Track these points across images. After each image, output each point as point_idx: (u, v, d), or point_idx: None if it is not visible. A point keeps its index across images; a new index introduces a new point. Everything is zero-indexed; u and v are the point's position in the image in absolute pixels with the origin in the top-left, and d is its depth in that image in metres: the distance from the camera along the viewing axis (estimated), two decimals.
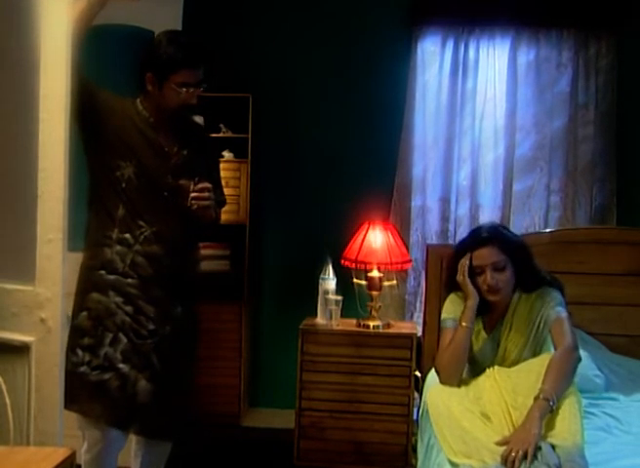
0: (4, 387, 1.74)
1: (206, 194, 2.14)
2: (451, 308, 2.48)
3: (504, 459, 1.95)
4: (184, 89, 2.14)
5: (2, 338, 1.72)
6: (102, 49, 2.20)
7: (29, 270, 1.71)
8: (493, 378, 2.29)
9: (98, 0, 2.05)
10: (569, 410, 2.07)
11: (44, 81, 1.69)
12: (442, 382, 2.38)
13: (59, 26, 1.69)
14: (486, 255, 2.33)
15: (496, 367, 2.35)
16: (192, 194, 2.13)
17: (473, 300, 2.36)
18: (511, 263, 2.33)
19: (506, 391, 2.21)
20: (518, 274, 2.36)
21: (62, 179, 1.71)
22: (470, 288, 2.36)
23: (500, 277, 2.32)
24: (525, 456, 1.93)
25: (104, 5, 2.08)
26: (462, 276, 2.37)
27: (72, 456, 1.48)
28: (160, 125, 2.21)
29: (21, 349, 1.72)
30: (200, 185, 2.14)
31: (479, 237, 2.38)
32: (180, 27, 3.23)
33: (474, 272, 2.36)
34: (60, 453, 1.44)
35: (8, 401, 1.74)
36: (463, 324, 2.36)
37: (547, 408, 2.06)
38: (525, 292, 2.40)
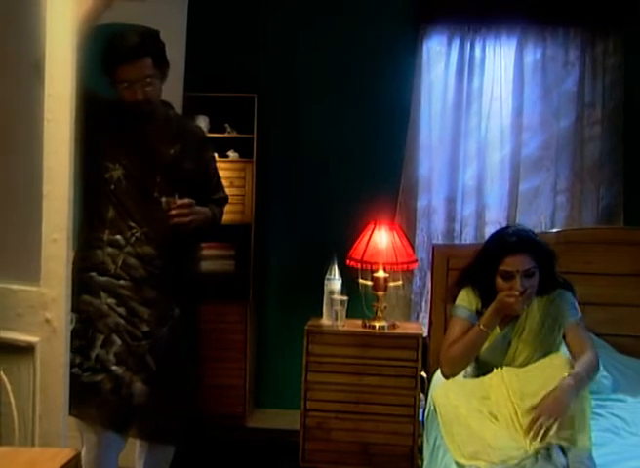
0: (9, 388, 1.73)
1: (186, 210, 2.13)
2: (466, 298, 2.45)
3: (529, 426, 1.91)
4: (125, 84, 2.12)
5: (7, 339, 1.72)
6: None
7: (34, 270, 1.71)
8: (500, 378, 2.28)
9: (104, 1, 2.04)
10: (579, 409, 2.06)
11: (49, 81, 1.68)
12: (444, 375, 2.40)
13: (64, 26, 1.68)
14: (519, 263, 2.29)
15: (504, 367, 2.34)
16: (172, 211, 2.11)
17: (506, 313, 2.34)
18: (538, 270, 2.32)
19: (513, 391, 2.20)
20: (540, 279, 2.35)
21: (68, 179, 1.70)
22: (519, 308, 2.32)
23: (528, 283, 2.30)
24: (546, 431, 1.90)
25: (110, 6, 2.07)
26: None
27: (77, 457, 1.48)
28: (145, 124, 2.20)
29: (26, 350, 1.71)
30: (180, 202, 2.12)
31: (513, 243, 2.33)
32: (185, 27, 3.22)
33: (502, 275, 2.32)
34: (66, 454, 1.44)
35: (13, 401, 1.73)
36: (482, 327, 2.33)
37: (584, 382, 2.07)
38: (539, 295, 2.39)
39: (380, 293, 3.23)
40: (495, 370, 2.35)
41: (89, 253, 2.17)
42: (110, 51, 2.12)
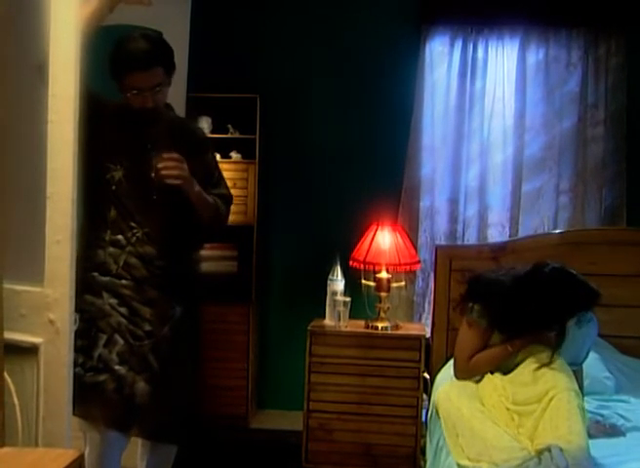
0: (13, 388, 1.74)
1: (173, 163, 2.08)
2: (484, 311, 2.41)
3: None
4: (135, 91, 2.10)
5: (11, 340, 1.72)
6: (108, 50, 2.20)
7: (38, 271, 1.71)
8: (492, 386, 2.29)
9: (108, 4, 2.04)
10: (569, 410, 2.06)
11: (53, 82, 1.69)
12: (457, 378, 2.42)
13: (68, 27, 1.69)
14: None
15: (496, 373, 2.34)
16: (159, 165, 2.07)
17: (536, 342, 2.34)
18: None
19: (506, 397, 2.22)
20: None
21: (71, 180, 1.71)
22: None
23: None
24: None
25: (114, 8, 2.07)
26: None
27: (81, 458, 1.48)
28: (148, 127, 2.20)
29: (30, 350, 1.71)
30: (167, 155, 2.08)
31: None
32: (187, 29, 3.23)
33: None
34: (70, 455, 1.45)
35: (16, 402, 1.74)
36: (510, 349, 2.33)
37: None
38: None
39: (383, 294, 3.23)
40: (486, 376, 2.35)
41: (91, 253, 2.17)
42: (121, 56, 2.09)
